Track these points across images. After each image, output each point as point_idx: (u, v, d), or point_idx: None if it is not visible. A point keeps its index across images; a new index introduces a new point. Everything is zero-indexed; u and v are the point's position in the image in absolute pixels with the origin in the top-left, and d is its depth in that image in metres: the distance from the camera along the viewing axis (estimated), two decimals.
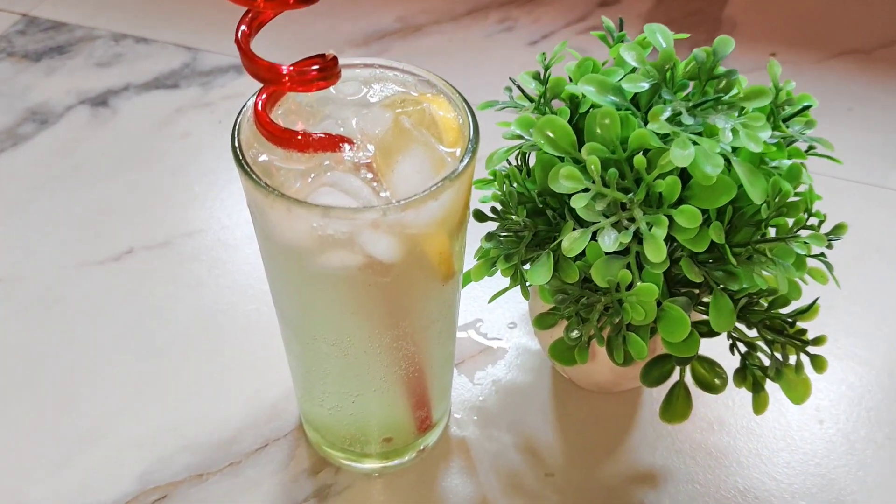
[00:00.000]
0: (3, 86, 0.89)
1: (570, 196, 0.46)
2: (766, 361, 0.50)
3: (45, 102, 0.86)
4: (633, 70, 0.48)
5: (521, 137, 0.51)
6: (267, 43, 0.46)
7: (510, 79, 0.51)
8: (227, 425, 0.60)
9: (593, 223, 0.45)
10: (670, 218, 0.44)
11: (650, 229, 0.44)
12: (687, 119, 0.43)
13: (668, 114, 0.42)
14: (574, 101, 0.50)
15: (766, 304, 0.49)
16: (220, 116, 0.85)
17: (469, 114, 0.44)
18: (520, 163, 0.54)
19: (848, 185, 0.78)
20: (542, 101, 0.49)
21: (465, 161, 0.41)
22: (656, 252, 0.43)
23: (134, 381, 0.63)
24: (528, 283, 0.49)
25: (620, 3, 1.00)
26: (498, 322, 0.67)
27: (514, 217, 0.49)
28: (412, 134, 0.43)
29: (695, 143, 0.42)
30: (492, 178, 0.54)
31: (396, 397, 0.52)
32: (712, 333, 0.49)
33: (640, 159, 0.43)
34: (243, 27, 0.41)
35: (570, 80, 0.54)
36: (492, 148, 0.51)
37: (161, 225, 0.74)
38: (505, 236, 0.50)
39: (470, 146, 0.42)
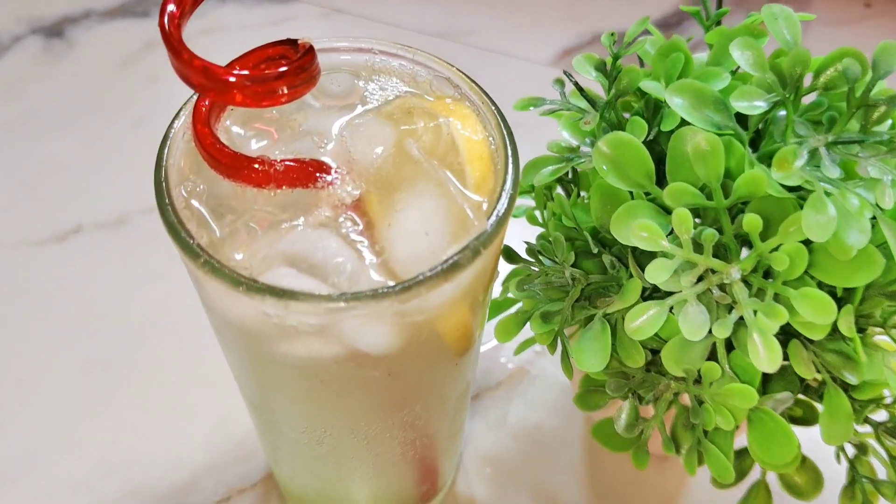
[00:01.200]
0: None
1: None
2: (880, 469, 0.37)
3: None
4: (735, 72, 0.34)
5: (573, 151, 0.37)
6: None
7: (564, 72, 0.37)
8: (183, 467, 0.49)
9: (671, 293, 0.32)
10: (780, 297, 0.30)
11: (754, 314, 0.31)
12: (830, 168, 0.29)
13: (803, 159, 0.28)
14: (649, 103, 0.36)
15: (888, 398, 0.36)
16: (199, 54, 0.70)
17: (505, 136, 0.30)
18: (570, 176, 0.40)
19: None
20: (607, 106, 0.35)
21: (498, 216, 0.28)
22: (769, 357, 0.30)
23: (70, 400, 0.51)
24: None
25: None
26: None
27: (557, 263, 0.36)
28: (422, 166, 0.29)
29: (827, 193, 0.29)
30: (529, 189, 0.41)
31: (391, 479, 0.40)
32: (809, 421, 0.37)
33: (752, 222, 0.29)
34: (171, 6, 0.27)
35: (641, 62, 0.40)
36: (530, 148, 0.38)
37: (118, 196, 0.61)
38: (543, 285, 0.37)
39: (506, 192, 0.29)
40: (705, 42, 0.37)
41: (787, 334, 0.34)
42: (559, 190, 0.40)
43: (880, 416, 0.36)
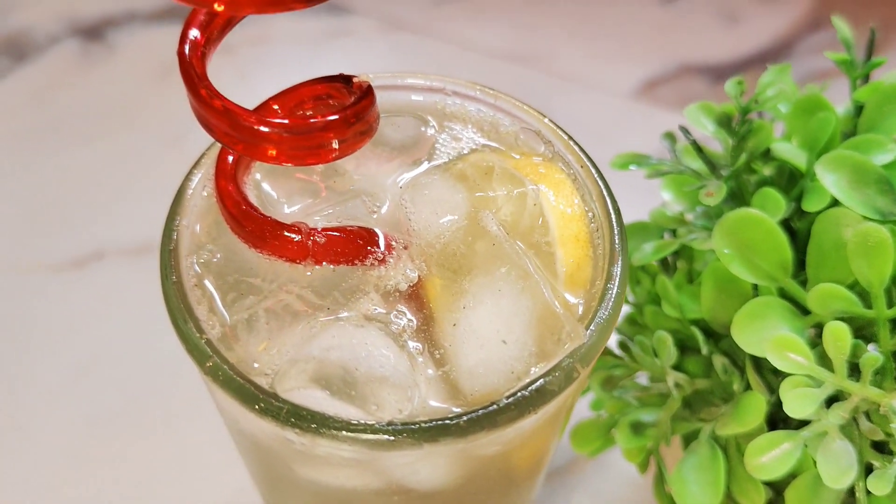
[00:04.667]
0: None
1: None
2: None
3: (27, 31, 0.67)
4: None
5: (681, 222, 0.30)
6: None
7: (680, 128, 0.30)
8: None
9: (806, 421, 0.25)
10: None
11: None
12: None
13: None
14: (783, 171, 0.29)
15: None
16: (244, 68, 0.65)
17: (611, 212, 0.23)
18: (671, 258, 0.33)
19: None
20: (736, 172, 0.28)
21: (600, 323, 0.21)
22: None
23: (68, 459, 0.44)
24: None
25: None
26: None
27: (655, 363, 0.29)
28: (501, 248, 0.23)
29: None
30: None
31: None
32: None
33: None
34: (194, 32, 0.20)
35: (764, 113, 0.33)
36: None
37: (146, 220, 0.55)
38: (637, 390, 0.30)
39: (612, 290, 0.22)
40: (853, 99, 0.30)
41: None
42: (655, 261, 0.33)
43: None
